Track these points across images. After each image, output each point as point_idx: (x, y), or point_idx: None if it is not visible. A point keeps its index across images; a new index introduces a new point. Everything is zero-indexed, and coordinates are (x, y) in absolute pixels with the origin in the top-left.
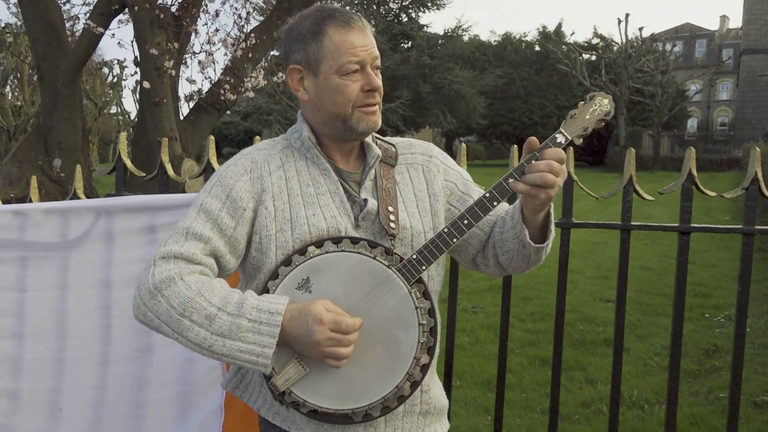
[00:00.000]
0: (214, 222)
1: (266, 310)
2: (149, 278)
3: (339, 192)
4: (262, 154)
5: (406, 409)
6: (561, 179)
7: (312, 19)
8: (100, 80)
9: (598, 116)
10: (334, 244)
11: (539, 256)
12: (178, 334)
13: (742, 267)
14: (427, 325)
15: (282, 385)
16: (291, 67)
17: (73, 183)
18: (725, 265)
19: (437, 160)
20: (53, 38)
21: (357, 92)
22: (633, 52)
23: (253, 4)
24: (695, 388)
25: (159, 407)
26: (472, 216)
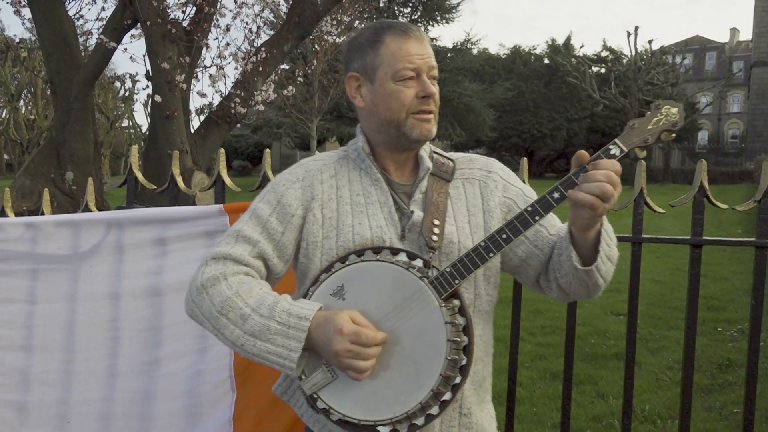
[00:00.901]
0: (264, 226)
1: (295, 315)
2: (199, 276)
3: (388, 203)
4: (317, 164)
5: (443, 429)
6: (617, 192)
7: (371, 29)
8: (112, 94)
9: (663, 127)
10: (373, 254)
11: (594, 280)
12: (216, 330)
13: (755, 280)
14: (459, 343)
15: (309, 389)
16: (349, 75)
17: (85, 196)
18: (738, 279)
19: (497, 175)
20: (66, 53)
21: (411, 98)
22: (643, 64)
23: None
24: (708, 403)
25: (167, 420)
26: (511, 230)
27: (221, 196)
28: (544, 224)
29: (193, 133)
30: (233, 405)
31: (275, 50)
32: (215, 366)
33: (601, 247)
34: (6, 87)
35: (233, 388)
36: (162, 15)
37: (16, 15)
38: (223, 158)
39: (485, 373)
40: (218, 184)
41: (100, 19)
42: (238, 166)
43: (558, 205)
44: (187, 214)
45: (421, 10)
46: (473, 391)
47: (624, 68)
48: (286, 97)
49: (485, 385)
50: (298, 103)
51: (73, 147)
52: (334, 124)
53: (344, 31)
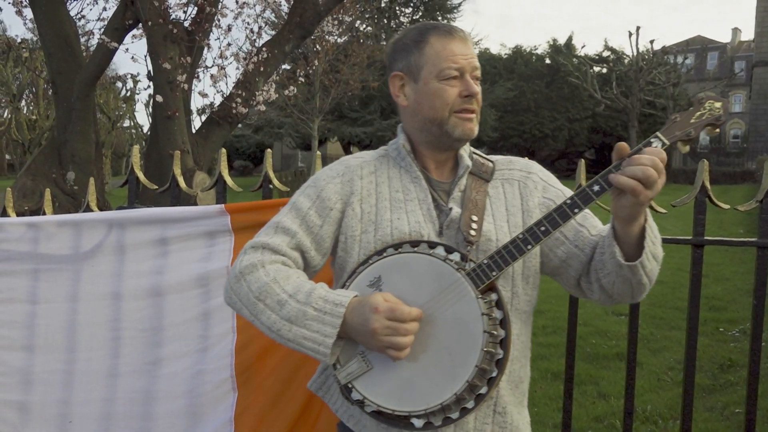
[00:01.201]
0: (303, 219)
1: (331, 301)
2: (237, 264)
3: (427, 200)
4: (357, 161)
5: (476, 426)
6: (661, 182)
7: (416, 30)
8: (113, 94)
9: (706, 120)
10: (411, 247)
11: (638, 277)
12: (253, 316)
13: (757, 281)
14: (496, 336)
15: (343, 378)
16: (393, 75)
17: (86, 196)
18: (739, 279)
19: (536, 176)
20: (68, 53)
21: (455, 97)
22: (644, 64)
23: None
24: (710, 404)
25: (168, 420)
26: (550, 222)
27: (222, 196)
28: (585, 225)
29: (195, 133)
30: (234, 405)
31: (276, 50)
32: (216, 366)
33: (645, 243)
34: (8, 87)
35: (234, 388)
36: (163, 15)
37: (18, 15)
38: (224, 158)
39: (523, 374)
40: (219, 184)
41: (101, 20)
42: (240, 166)
43: (598, 197)
44: (189, 214)
45: (423, 10)
46: (510, 390)
47: (625, 68)
48: (287, 97)
49: (522, 387)
50: (300, 103)
51: (74, 147)
52: (335, 124)
53: (345, 31)
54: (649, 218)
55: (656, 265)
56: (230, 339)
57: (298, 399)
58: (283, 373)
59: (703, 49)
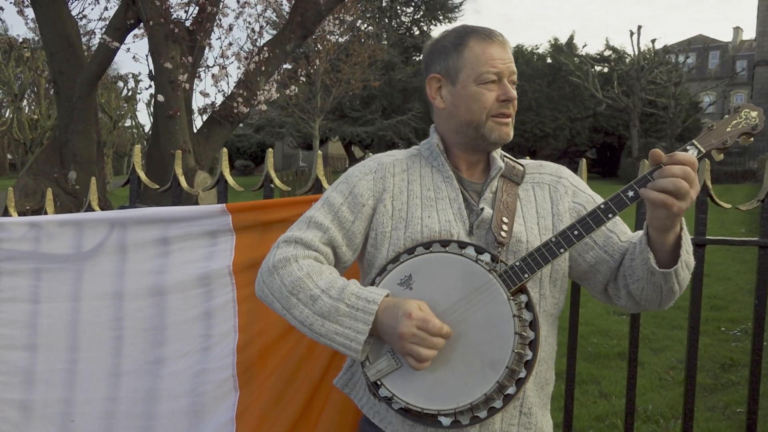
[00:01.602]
0: (335, 214)
1: (364, 298)
2: (271, 258)
3: (458, 199)
4: (389, 158)
5: (503, 427)
6: (694, 192)
7: (455, 33)
8: (115, 94)
9: (742, 129)
10: (441, 246)
11: (670, 285)
12: (286, 310)
13: (759, 280)
14: (525, 338)
15: (373, 375)
16: (430, 77)
17: (88, 195)
18: (741, 278)
19: (567, 181)
20: (69, 53)
21: (492, 101)
22: (646, 63)
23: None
24: (711, 403)
25: (170, 419)
26: (583, 227)
27: (224, 195)
28: (614, 231)
29: (196, 132)
30: (236, 404)
31: (278, 50)
32: (218, 365)
33: (681, 251)
34: (9, 87)
35: (236, 387)
36: (165, 15)
37: (20, 15)
38: (225, 158)
39: (548, 377)
40: (221, 184)
41: (103, 19)
42: (241, 165)
43: (632, 203)
44: (190, 214)
45: (424, 10)
46: (536, 391)
47: (627, 67)
48: (288, 97)
49: (547, 389)
50: (301, 103)
51: (76, 147)
52: (336, 124)
53: (347, 31)
54: (685, 227)
55: (688, 274)
56: (232, 338)
57: (299, 398)
58: (285, 372)
59: (704, 48)
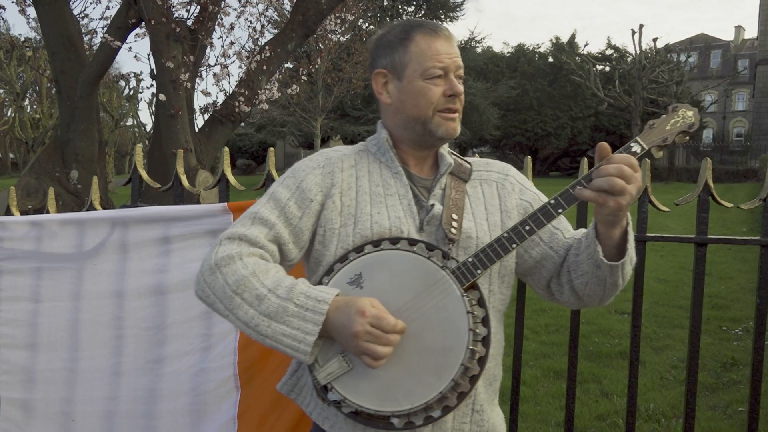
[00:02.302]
0: (282, 210)
1: (314, 297)
2: (212, 255)
3: (408, 195)
4: (337, 153)
5: (455, 425)
6: (633, 188)
7: (400, 27)
8: (116, 93)
9: (680, 128)
10: (391, 244)
11: (615, 278)
12: (229, 311)
13: (760, 279)
14: (479, 334)
15: (323, 378)
16: (376, 72)
17: (90, 194)
18: (743, 277)
19: (513, 179)
20: (71, 52)
21: (439, 96)
22: (647, 62)
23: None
24: (713, 402)
25: (171, 418)
26: (534, 222)
27: (225, 194)
28: (559, 227)
29: (198, 131)
30: (237, 403)
31: (279, 49)
32: (219, 364)
33: (628, 245)
34: (11, 86)
35: (237, 386)
36: (166, 14)
37: (22, 14)
38: (227, 157)
39: (497, 372)
40: (222, 183)
41: (104, 18)
42: (242, 164)
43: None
44: (191, 213)
45: (425, 9)
46: (485, 388)
47: (628, 66)
48: (290, 96)
49: (495, 385)
50: (302, 102)
51: (77, 146)
52: (338, 123)
53: (348, 30)
54: (629, 222)
55: (631, 269)
56: (233, 337)
57: None
58: (286, 371)
59: (706, 47)
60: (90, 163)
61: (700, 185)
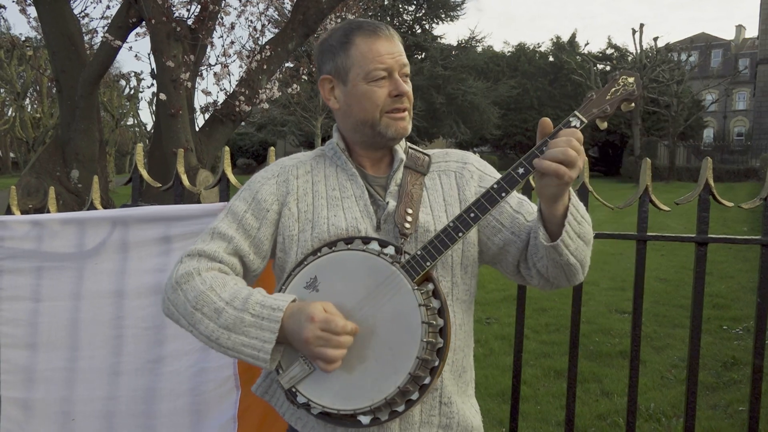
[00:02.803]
0: (239, 223)
1: (269, 306)
2: (173, 273)
3: (363, 196)
4: (292, 161)
5: (423, 419)
6: (581, 160)
7: (341, 31)
8: (117, 92)
9: (621, 97)
10: (345, 244)
11: (565, 258)
12: (191, 326)
13: (761, 278)
14: (435, 326)
15: (286, 382)
16: (322, 78)
17: (90, 194)
18: (743, 277)
19: (472, 166)
20: (72, 51)
21: (384, 98)
22: (648, 62)
23: (268, 17)
24: (713, 401)
25: (171, 418)
26: (478, 208)
27: (226, 194)
28: (521, 211)
29: (198, 131)
30: (238, 402)
31: (280, 48)
32: (219, 364)
33: (567, 221)
34: (12, 85)
35: (237, 385)
36: (167, 13)
37: (22, 13)
38: (227, 156)
39: (466, 364)
40: (223, 182)
41: (105, 18)
42: (243, 164)
43: (523, 180)
44: (192, 212)
45: (426, 8)
46: (453, 380)
47: (629, 66)
48: (290, 95)
49: (466, 377)
50: (303, 101)
51: (78, 145)
52: None
53: None
54: (574, 198)
55: (583, 245)
56: None
57: None
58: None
59: (707, 46)
60: (91, 162)
61: (700, 184)
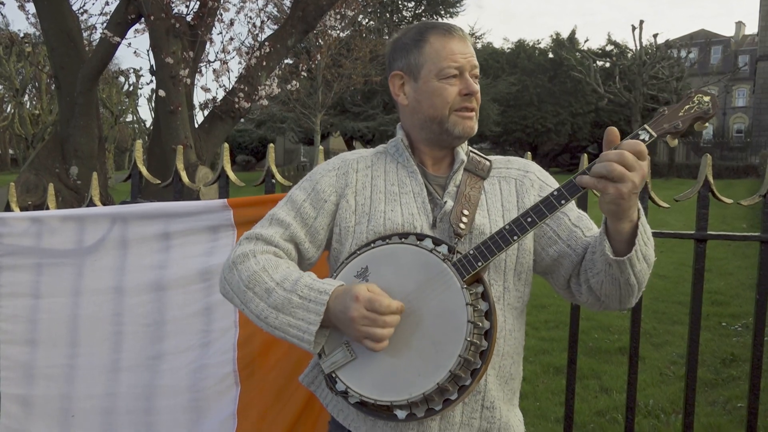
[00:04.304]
0: (297, 211)
1: (317, 289)
2: (232, 254)
3: (422, 193)
4: (354, 155)
5: (463, 420)
6: (635, 175)
7: (416, 29)
8: (116, 89)
9: (695, 114)
10: (399, 239)
11: (626, 276)
12: (243, 304)
13: (760, 275)
14: (481, 327)
15: (327, 367)
16: (393, 74)
17: (90, 190)
18: (742, 273)
19: (533, 175)
20: (71, 48)
21: (455, 95)
22: (647, 58)
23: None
24: (712, 398)
25: (171, 415)
26: (536, 214)
27: (225, 190)
28: (579, 225)
29: (197, 127)
30: (237, 399)
31: (279, 45)
32: (219, 360)
33: (636, 240)
34: (11, 82)
35: (237, 382)
36: (166, 10)
37: (21, 10)
38: (226, 153)
39: (514, 371)
40: (222, 179)
41: (104, 14)
42: (242, 160)
43: (585, 189)
44: (191, 209)
45: (426, 5)
46: (499, 386)
47: (629, 62)
48: (290, 92)
49: (513, 384)
50: (302, 98)
51: (77, 142)
52: (337, 119)
53: (348, 26)
54: (643, 218)
55: (646, 267)
56: (233, 333)
57: (301, 393)
58: (287, 367)
59: (706, 43)
60: (90, 159)
61: (699, 181)
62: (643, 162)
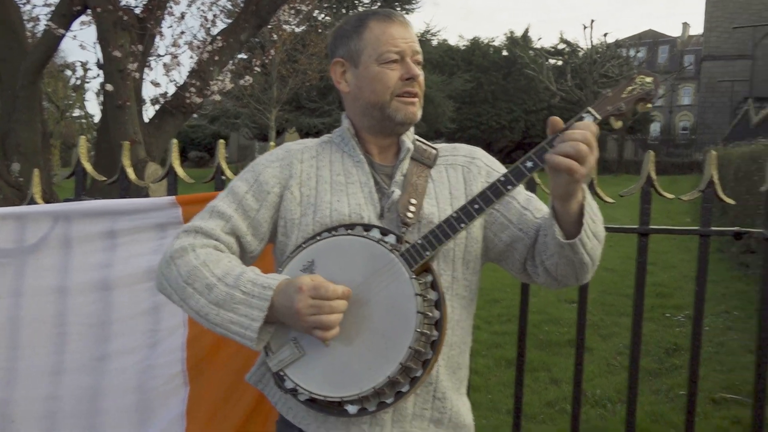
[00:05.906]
0: (239, 203)
1: (260, 284)
2: (169, 248)
3: (369, 183)
4: (298, 146)
5: (415, 412)
6: (593, 156)
7: (356, 17)
8: (62, 83)
9: (637, 95)
10: (346, 230)
11: (579, 256)
12: (182, 301)
13: (699, 267)
14: (431, 317)
15: (275, 365)
16: (334, 62)
17: (31, 187)
18: (685, 266)
19: (480, 161)
20: (12, 39)
21: (396, 80)
22: (598, 57)
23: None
24: (656, 386)
25: (117, 416)
26: (483, 200)
27: (174, 187)
28: (529, 208)
29: (147, 123)
30: (186, 399)
31: (232, 39)
32: (166, 360)
33: (584, 219)
34: None
35: (186, 382)
36: (113, 1)
37: None
38: (176, 149)
39: (461, 361)
40: (171, 176)
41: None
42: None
43: (531, 174)
44: (138, 206)
45: (381, 1)
46: (448, 376)
47: (580, 61)
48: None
49: (460, 374)
50: (256, 94)
51: (19, 137)
52: (293, 115)
53: (303, 21)
54: (588, 196)
55: (597, 244)
56: (181, 333)
57: (251, 392)
58: (236, 365)
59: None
60: (33, 155)
61: (643, 177)
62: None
